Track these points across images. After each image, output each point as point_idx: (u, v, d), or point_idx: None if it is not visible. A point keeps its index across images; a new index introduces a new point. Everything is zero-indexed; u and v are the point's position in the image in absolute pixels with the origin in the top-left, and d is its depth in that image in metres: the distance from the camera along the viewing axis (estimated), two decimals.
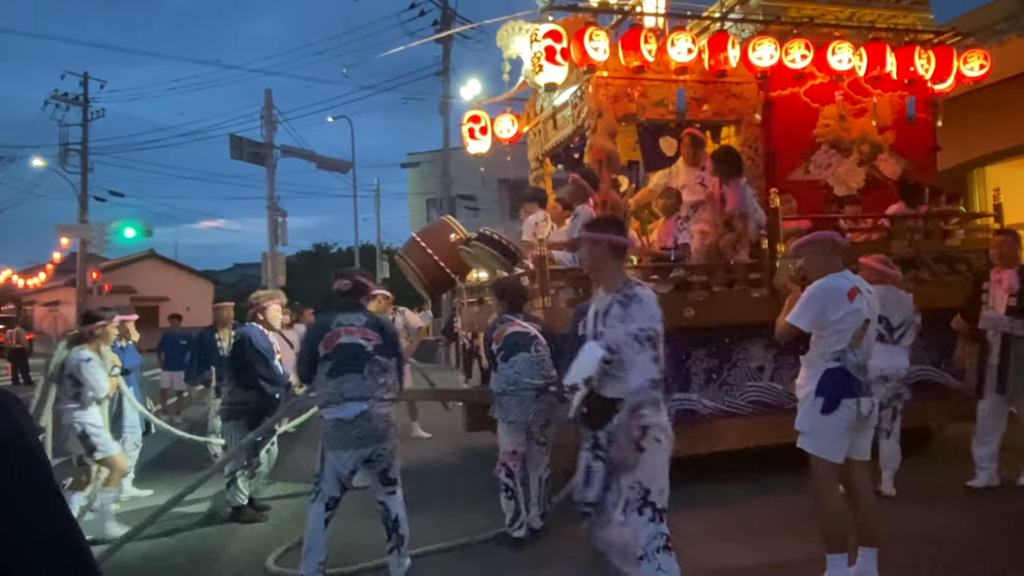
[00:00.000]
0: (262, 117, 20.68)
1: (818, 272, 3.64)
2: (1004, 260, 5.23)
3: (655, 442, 2.87)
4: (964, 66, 6.92)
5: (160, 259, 38.98)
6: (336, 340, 3.90)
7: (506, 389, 4.60)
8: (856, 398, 3.46)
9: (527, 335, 4.75)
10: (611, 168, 6.35)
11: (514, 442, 4.65)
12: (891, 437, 5.21)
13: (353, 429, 3.79)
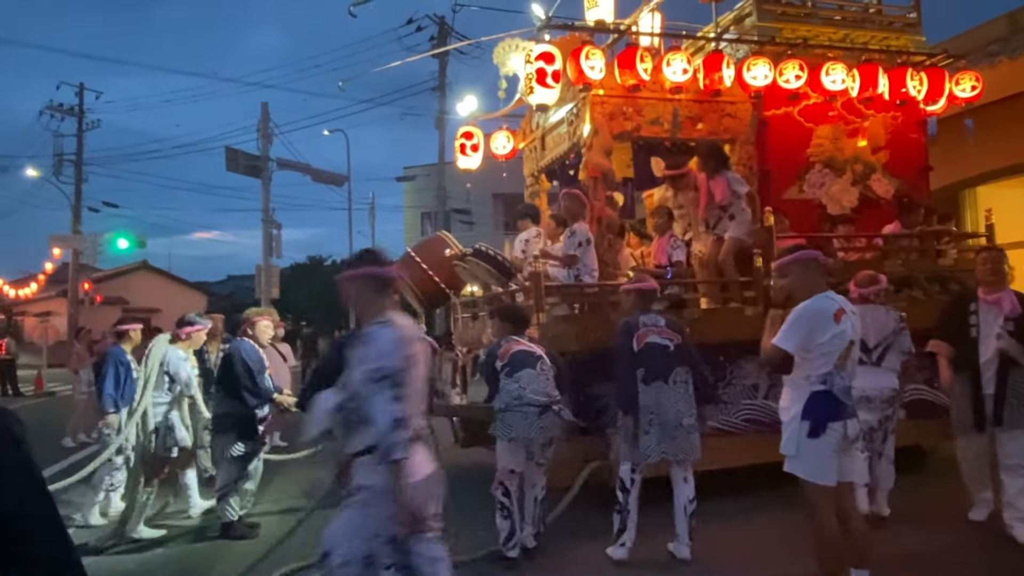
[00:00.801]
0: (258, 130, 20.75)
1: (804, 291, 3.57)
2: (996, 279, 4.78)
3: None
4: (956, 87, 7.00)
5: (153, 270, 38.77)
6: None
7: (510, 405, 4.57)
8: (843, 421, 3.42)
9: (532, 354, 4.76)
10: (607, 185, 6.39)
11: (514, 460, 4.60)
12: (883, 458, 5.15)
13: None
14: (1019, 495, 4.58)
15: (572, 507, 5.17)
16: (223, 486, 5.34)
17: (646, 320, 4.64)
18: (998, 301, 4.67)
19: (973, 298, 4.87)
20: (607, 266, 6.24)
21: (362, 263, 2.99)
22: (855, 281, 5.26)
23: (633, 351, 4.55)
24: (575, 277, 5.96)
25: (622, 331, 4.65)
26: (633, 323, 4.64)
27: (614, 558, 4.45)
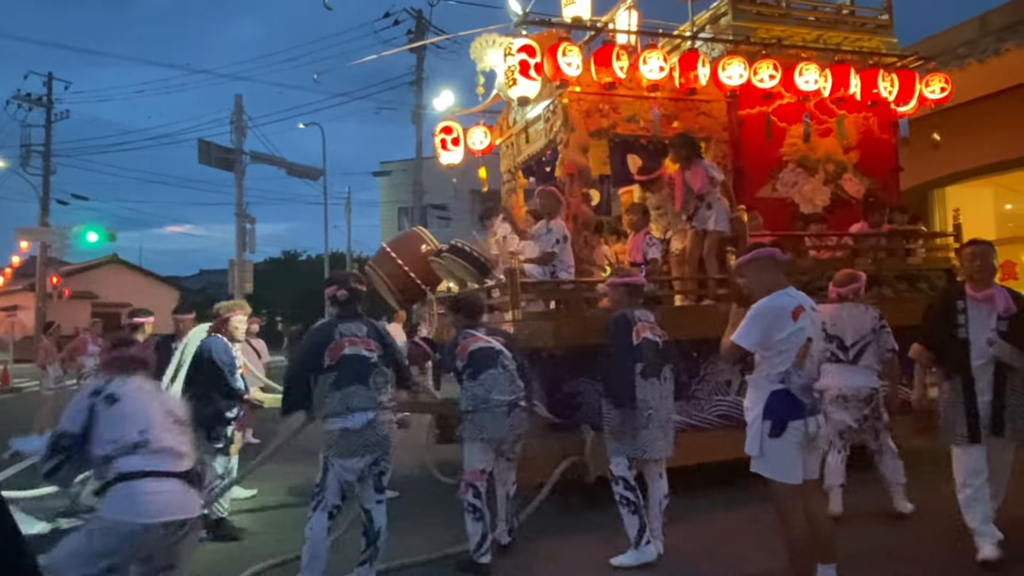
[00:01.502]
0: (232, 122, 20.47)
1: (762, 289, 3.58)
2: (985, 275, 4.22)
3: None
4: (926, 89, 7.12)
5: (123, 264, 38.08)
6: (340, 351, 3.93)
7: (477, 406, 4.50)
8: (803, 419, 3.42)
9: (492, 350, 4.64)
10: (583, 182, 6.40)
11: (483, 461, 4.53)
12: (887, 454, 5.11)
13: (361, 438, 3.84)
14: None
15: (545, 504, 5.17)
16: (210, 483, 5.19)
17: (639, 315, 4.58)
18: (990, 299, 4.14)
19: (960, 295, 4.27)
20: (583, 263, 6.25)
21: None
22: (834, 281, 5.29)
23: (632, 345, 4.45)
24: (551, 274, 5.97)
25: (620, 324, 4.53)
26: (630, 317, 4.54)
27: (647, 560, 4.28)
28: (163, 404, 3.10)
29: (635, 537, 4.32)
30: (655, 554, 4.33)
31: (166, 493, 2.82)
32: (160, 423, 2.96)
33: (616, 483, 4.42)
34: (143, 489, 2.78)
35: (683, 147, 6.12)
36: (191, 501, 2.92)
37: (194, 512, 2.92)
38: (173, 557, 2.90)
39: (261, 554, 4.60)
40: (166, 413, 3.03)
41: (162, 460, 2.87)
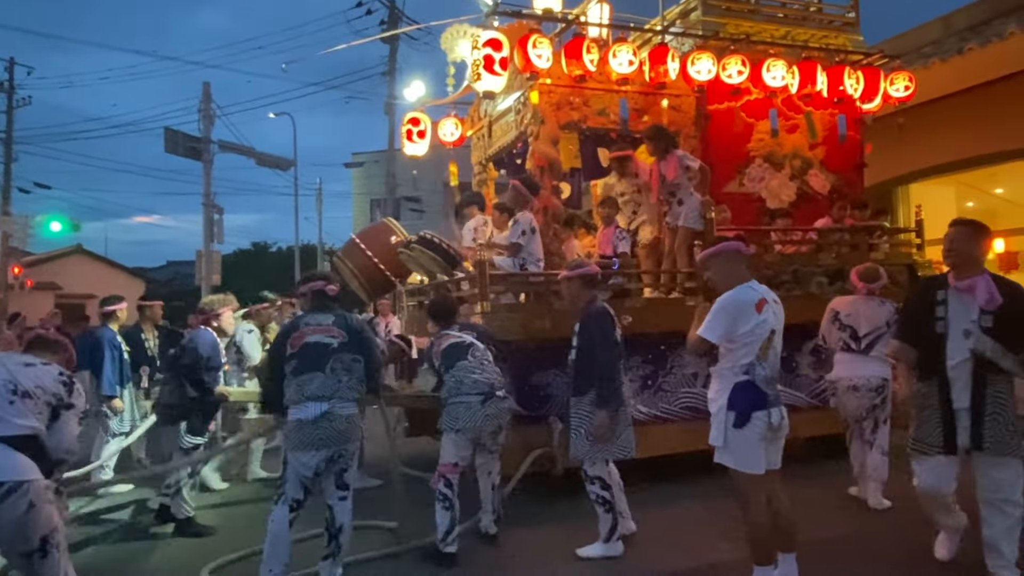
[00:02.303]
0: (200, 111, 20.09)
1: (726, 283, 3.63)
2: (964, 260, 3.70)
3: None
4: (890, 87, 7.24)
5: (88, 255, 37.20)
6: (302, 339, 3.90)
7: (451, 397, 4.54)
8: (767, 410, 3.48)
9: (461, 343, 4.71)
10: (553, 175, 6.40)
11: (458, 454, 4.54)
12: (876, 448, 5.16)
13: (315, 430, 3.73)
14: (1006, 536, 3.65)
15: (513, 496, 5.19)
16: (176, 482, 5.11)
17: (608, 309, 4.55)
18: (971, 288, 3.63)
19: (943, 285, 3.79)
20: (553, 256, 6.26)
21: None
22: (859, 275, 5.38)
23: (617, 341, 4.43)
24: (520, 266, 5.97)
25: (605, 319, 4.42)
26: (608, 311, 4.50)
27: (614, 554, 4.33)
28: (5, 375, 3.07)
29: (606, 534, 4.35)
30: (622, 550, 4.37)
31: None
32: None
33: (592, 483, 4.38)
34: None
35: (658, 138, 6.14)
36: (8, 465, 2.92)
37: (8, 476, 2.89)
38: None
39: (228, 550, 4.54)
40: (3, 384, 3.04)
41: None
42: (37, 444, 3.03)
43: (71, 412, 3.21)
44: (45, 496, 2.98)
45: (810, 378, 6.45)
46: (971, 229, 3.72)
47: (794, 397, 6.15)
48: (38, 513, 2.93)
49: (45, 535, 2.97)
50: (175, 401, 5.25)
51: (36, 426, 3.05)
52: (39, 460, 3.01)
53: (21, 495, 2.88)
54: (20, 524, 2.89)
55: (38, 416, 3.06)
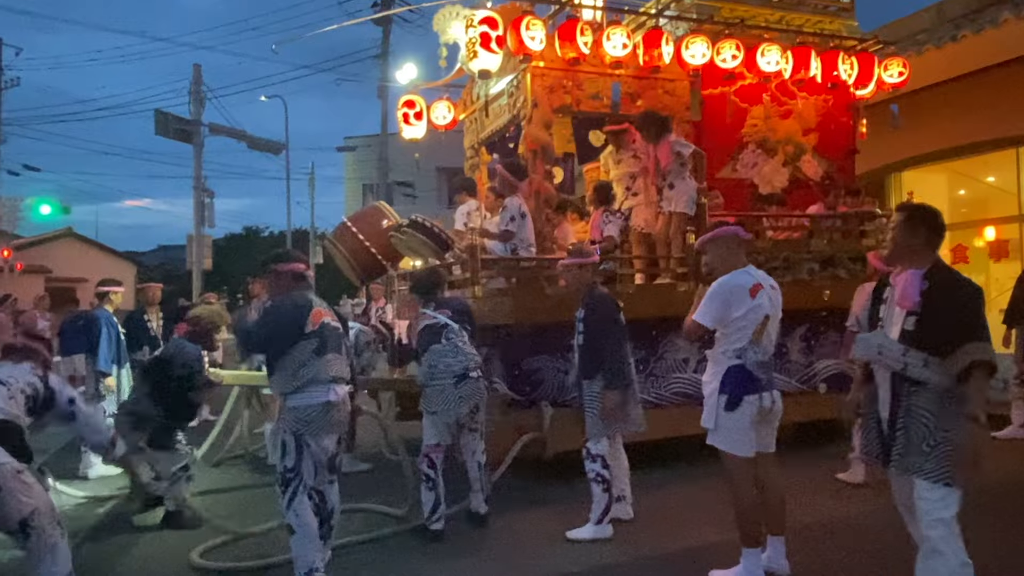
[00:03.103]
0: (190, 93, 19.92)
1: (722, 267, 3.67)
2: (895, 249, 3.11)
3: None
4: (884, 73, 7.22)
5: (79, 238, 36.89)
6: (320, 318, 3.73)
7: (426, 380, 4.57)
8: (758, 394, 3.52)
9: (436, 325, 4.67)
10: (545, 159, 6.36)
11: (438, 435, 4.59)
12: None
13: (338, 413, 3.69)
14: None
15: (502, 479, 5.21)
16: (173, 474, 4.94)
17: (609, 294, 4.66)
18: (899, 283, 3.06)
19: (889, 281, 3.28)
20: (545, 240, 6.24)
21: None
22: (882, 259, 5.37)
23: (623, 325, 4.53)
24: (511, 251, 5.95)
25: (611, 305, 4.51)
26: (611, 296, 4.59)
27: (604, 536, 4.33)
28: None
29: (599, 515, 4.37)
30: (612, 532, 4.39)
31: None
32: None
33: (594, 461, 4.40)
34: None
35: (650, 124, 6.09)
36: None
37: None
38: None
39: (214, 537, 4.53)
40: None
41: None
42: (9, 430, 3.04)
43: (76, 404, 3.30)
44: (14, 479, 2.99)
45: (800, 363, 6.47)
46: (906, 215, 3.13)
47: (784, 382, 6.16)
48: (8, 496, 2.95)
49: (23, 518, 2.99)
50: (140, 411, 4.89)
51: (9, 411, 3.07)
52: (12, 446, 3.03)
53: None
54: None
55: (9, 401, 3.08)
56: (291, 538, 3.62)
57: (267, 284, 3.88)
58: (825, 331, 6.55)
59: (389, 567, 4.07)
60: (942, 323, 2.83)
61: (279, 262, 3.88)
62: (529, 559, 4.14)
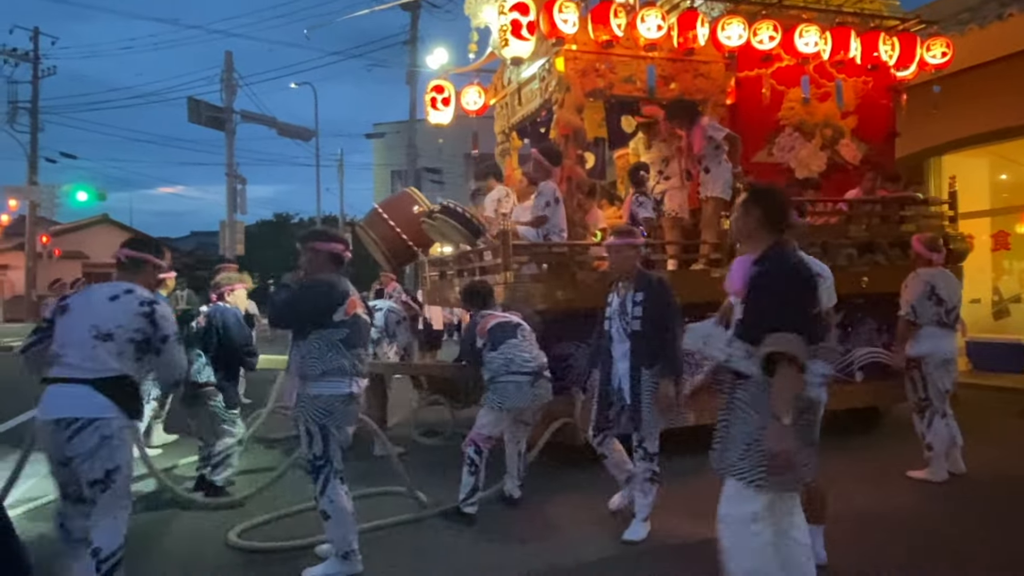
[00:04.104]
0: (222, 80, 20.12)
1: None
2: (745, 236, 2.95)
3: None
4: (927, 53, 7.02)
5: (114, 224, 37.71)
6: (354, 309, 3.71)
7: (499, 375, 4.56)
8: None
9: (510, 323, 4.76)
10: (577, 143, 6.30)
11: (496, 428, 4.62)
12: (949, 417, 5.13)
13: (357, 405, 3.75)
14: None
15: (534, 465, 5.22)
16: (221, 452, 5.13)
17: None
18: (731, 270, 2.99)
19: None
20: (576, 226, 6.20)
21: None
22: (927, 246, 5.25)
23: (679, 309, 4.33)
24: (544, 236, 5.92)
25: (671, 289, 4.29)
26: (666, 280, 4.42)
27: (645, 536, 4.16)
28: (91, 320, 3.23)
29: (649, 512, 4.26)
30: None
31: (60, 395, 3.15)
32: (76, 341, 3.19)
33: (652, 460, 4.22)
34: (48, 393, 3.19)
35: (681, 112, 6.00)
36: (86, 404, 3.13)
37: (86, 413, 3.12)
38: (68, 451, 3.12)
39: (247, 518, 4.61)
40: (88, 329, 3.19)
41: (70, 370, 3.16)
42: (120, 384, 3.21)
43: (169, 343, 3.35)
44: (118, 434, 3.19)
45: (837, 352, 6.35)
46: (743, 197, 2.99)
47: None
48: (106, 448, 3.15)
49: (110, 468, 3.17)
50: (207, 379, 5.17)
51: (118, 367, 3.20)
52: (122, 399, 3.21)
53: (92, 431, 3.11)
54: (89, 456, 3.13)
55: (120, 356, 3.22)
56: (326, 524, 3.65)
57: (304, 261, 3.85)
58: (862, 318, 6.43)
59: (422, 549, 4.10)
60: (756, 311, 2.70)
61: (318, 240, 3.84)
62: (562, 543, 4.14)
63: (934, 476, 5.08)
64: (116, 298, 3.29)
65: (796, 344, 2.55)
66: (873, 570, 3.65)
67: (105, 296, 3.30)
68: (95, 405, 3.14)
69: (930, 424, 5.13)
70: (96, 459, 3.13)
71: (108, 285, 3.41)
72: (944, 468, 5.10)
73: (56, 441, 3.13)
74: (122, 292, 3.31)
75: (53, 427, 3.12)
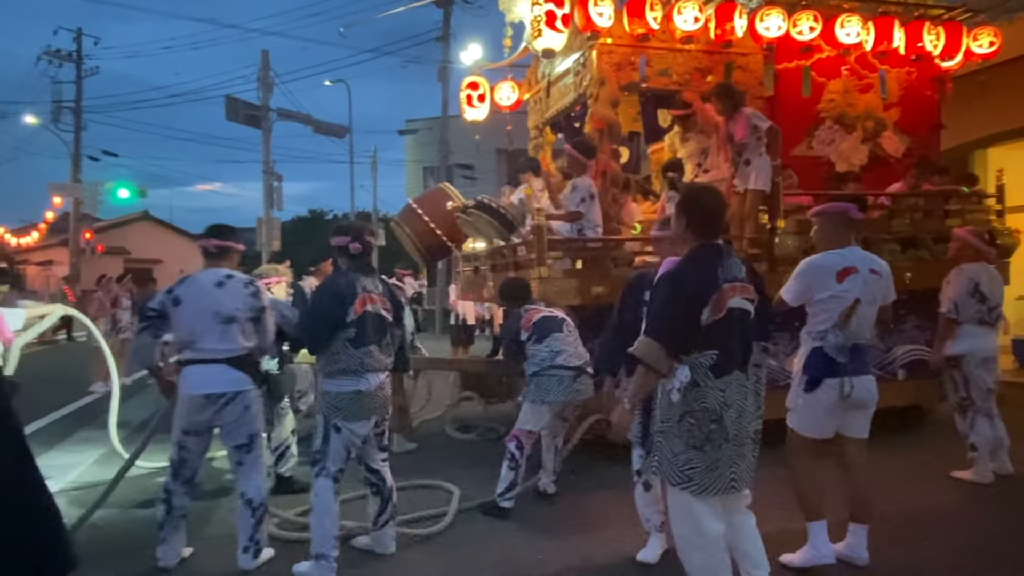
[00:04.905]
0: (258, 79, 20.40)
1: (825, 244, 3.65)
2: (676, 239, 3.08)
3: None
4: (973, 43, 6.81)
5: (154, 221, 38.61)
6: (364, 307, 3.70)
7: (543, 369, 4.55)
8: (839, 378, 3.43)
9: (555, 318, 4.75)
10: (612, 138, 6.27)
11: (539, 423, 4.61)
12: (993, 417, 5.00)
13: (371, 400, 3.71)
14: None
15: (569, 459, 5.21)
16: (278, 444, 5.17)
17: None
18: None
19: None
20: (611, 221, 6.16)
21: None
22: (980, 237, 5.15)
23: None
24: (578, 231, 5.89)
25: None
26: None
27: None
28: (212, 307, 3.67)
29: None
30: None
31: (206, 374, 3.65)
32: (205, 328, 3.64)
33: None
34: (192, 371, 3.68)
35: (726, 97, 5.89)
36: (229, 379, 3.66)
37: (231, 388, 3.66)
38: (216, 421, 3.70)
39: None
40: (212, 316, 3.65)
41: (205, 353, 3.66)
42: (249, 359, 3.76)
43: (266, 312, 3.83)
44: (255, 403, 3.78)
45: (878, 348, 6.21)
46: (678, 203, 3.07)
47: None
48: (249, 415, 3.74)
49: (252, 433, 3.78)
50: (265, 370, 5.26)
51: (245, 345, 3.72)
52: (252, 372, 3.77)
53: (239, 402, 3.69)
54: (237, 423, 3.72)
55: (244, 335, 3.73)
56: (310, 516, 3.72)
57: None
58: (905, 315, 6.28)
59: (458, 542, 4.12)
60: (648, 314, 2.95)
61: (334, 235, 3.89)
62: (599, 538, 4.12)
63: (979, 477, 4.94)
64: (221, 284, 3.72)
65: (652, 351, 2.72)
66: (913, 572, 3.57)
67: (211, 283, 3.72)
68: (237, 380, 3.68)
69: (973, 424, 4.99)
70: (242, 426, 3.71)
71: (207, 273, 3.80)
72: (989, 469, 4.96)
73: (205, 413, 3.65)
74: (224, 278, 3.75)
75: (203, 400, 3.64)
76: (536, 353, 4.61)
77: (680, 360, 2.76)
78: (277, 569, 3.73)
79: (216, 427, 3.75)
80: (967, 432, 5.04)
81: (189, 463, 3.75)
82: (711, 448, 2.74)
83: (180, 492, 3.73)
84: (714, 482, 2.76)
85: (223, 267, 3.83)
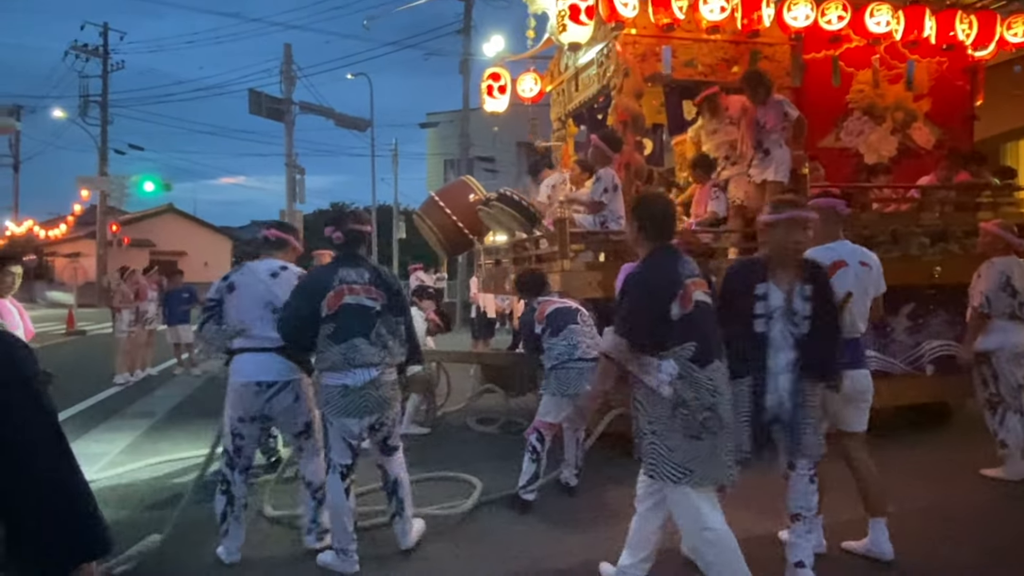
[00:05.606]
0: (281, 72, 20.54)
1: (816, 240, 3.57)
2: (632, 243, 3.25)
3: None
4: (1007, 32, 6.65)
5: (179, 214, 39.11)
6: (340, 300, 3.54)
7: (561, 362, 4.53)
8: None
9: (569, 308, 4.73)
10: (636, 130, 6.20)
11: (559, 415, 4.59)
12: (1020, 414, 4.89)
13: (360, 398, 3.54)
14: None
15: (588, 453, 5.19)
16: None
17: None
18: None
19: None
20: None
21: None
22: (1010, 230, 5.05)
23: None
24: (601, 224, 5.85)
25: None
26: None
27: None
28: (265, 296, 3.70)
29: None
30: None
31: (256, 362, 3.66)
32: (256, 316, 3.67)
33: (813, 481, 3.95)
34: (242, 359, 3.70)
35: (758, 84, 5.79)
36: (278, 368, 3.67)
37: (281, 377, 3.67)
38: (267, 410, 3.70)
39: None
40: (264, 306, 3.68)
41: (257, 341, 3.67)
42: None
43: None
44: (305, 391, 3.78)
45: (906, 344, 6.12)
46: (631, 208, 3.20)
47: (887, 363, 5.86)
48: (301, 403, 3.76)
49: (308, 420, 3.82)
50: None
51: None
52: (302, 361, 3.73)
53: (289, 391, 3.70)
54: (290, 411, 3.74)
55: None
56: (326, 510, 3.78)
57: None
58: (934, 310, 6.17)
59: (480, 534, 4.13)
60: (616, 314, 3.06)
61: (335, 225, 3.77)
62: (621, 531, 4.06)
63: (1009, 474, 4.84)
64: (276, 275, 3.74)
65: (618, 346, 2.95)
66: (941, 570, 3.53)
67: (266, 273, 3.75)
68: (287, 368, 3.68)
69: (1003, 420, 4.89)
70: (296, 414, 3.75)
71: (263, 263, 3.84)
72: (1020, 466, 4.86)
73: (257, 401, 3.66)
74: (279, 268, 3.77)
75: (255, 388, 3.65)
76: (553, 346, 4.57)
77: (661, 356, 2.88)
78: (277, 568, 3.73)
79: (269, 418, 3.77)
80: (996, 429, 4.94)
81: (244, 451, 3.75)
82: (708, 436, 2.84)
83: (239, 481, 3.72)
84: (715, 470, 2.87)
85: (279, 258, 3.86)
